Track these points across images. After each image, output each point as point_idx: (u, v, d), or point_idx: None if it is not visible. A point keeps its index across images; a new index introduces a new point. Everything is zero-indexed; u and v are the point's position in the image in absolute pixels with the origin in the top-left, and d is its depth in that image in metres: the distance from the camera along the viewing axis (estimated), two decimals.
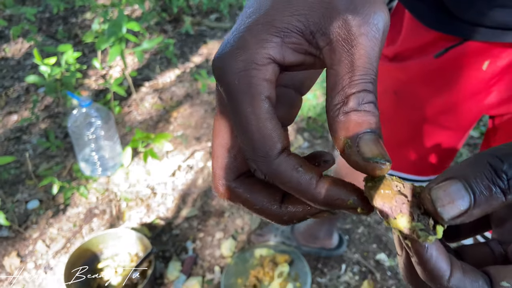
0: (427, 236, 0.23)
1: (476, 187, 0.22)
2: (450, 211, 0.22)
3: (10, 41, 2.76)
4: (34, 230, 1.64)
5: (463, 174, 0.22)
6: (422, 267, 0.24)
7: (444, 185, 0.22)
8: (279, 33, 0.25)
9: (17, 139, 2.05)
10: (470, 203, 0.22)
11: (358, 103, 0.24)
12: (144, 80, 2.42)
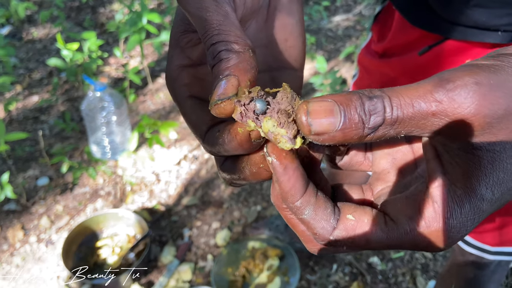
0: (285, 143, 0.26)
1: (347, 114, 0.23)
2: (319, 126, 0.23)
3: (38, 26, 2.87)
4: (41, 205, 1.70)
5: (340, 100, 0.24)
6: (277, 184, 0.26)
7: (322, 102, 0.24)
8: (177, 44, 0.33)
9: (35, 119, 2.13)
10: (338, 124, 0.23)
11: (212, 56, 0.27)
12: (162, 71, 2.48)
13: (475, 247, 0.82)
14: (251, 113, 0.27)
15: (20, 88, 2.32)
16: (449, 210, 0.25)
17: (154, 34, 2.54)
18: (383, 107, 0.23)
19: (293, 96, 0.27)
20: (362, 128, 0.23)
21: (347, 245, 0.27)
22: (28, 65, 2.51)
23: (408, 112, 0.23)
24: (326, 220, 0.27)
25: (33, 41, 2.73)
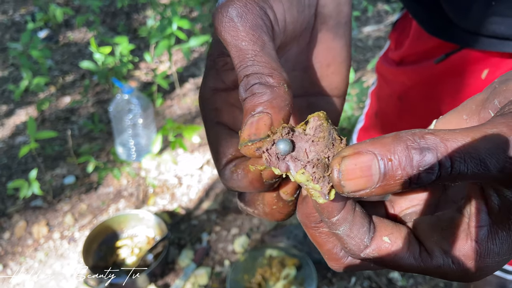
0: (318, 197, 0.24)
1: (389, 171, 0.21)
2: (353, 186, 0.22)
3: (74, 30, 2.97)
4: (66, 203, 1.75)
5: (382, 153, 0.21)
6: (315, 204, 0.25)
7: (359, 158, 0.21)
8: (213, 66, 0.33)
9: (66, 119, 2.20)
10: (376, 182, 0.21)
11: (245, 88, 0.26)
12: (190, 76, 2.51)
13: None
14: (274, 157, 0.25)
15: (54, 89, 2.40)
16: (488, 251, 0.24)
17: (183, 40, 2.59)
18: (437, 163, 0.21)
19: (330, 133, 0.24)
20: (407, 184, 0.21)
21: (376, 263, 0.27)
22: (63, 67, 2.60)
23: (480, 171, 0.21)
24: (360, 238, 0.26)
25: (68, 45, 2.82)
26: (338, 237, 0.26)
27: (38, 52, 2.06)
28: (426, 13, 0.67)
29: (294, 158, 0.25)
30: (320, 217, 0.26)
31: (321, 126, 0.25)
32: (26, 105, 2.28)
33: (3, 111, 2.24)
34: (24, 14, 3.16)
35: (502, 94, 0.24)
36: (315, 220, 0.27)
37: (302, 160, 0.25)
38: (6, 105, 2.28)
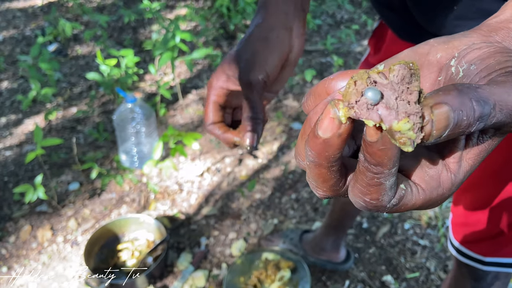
0: (409, 146, 0.24)
1: (458, 122, 0.24)
2: (436, 135, 0.24)
3: (82, 44, 3.07)
4: (70, 208, 1.80)
5: (455, 105, 0.23)
6: (381, 152, 0.25)
7: (442, 108, 0.23)
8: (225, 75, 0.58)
9: (72, 128, 2.27)
10: (446, 131, 0.24)
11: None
12: (193, 88, 2.58)
13: (469, 257, 0.81)
14: (365, 107, 0.24)
15: (61, 100, 2.48)
16: (458, 182, 0.29)
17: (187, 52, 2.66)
18: (489, 114, 0.24)
19: (416, 78, 0.25)
20: (464, 132, 0.24)
21: (390, 210, 0.28)
22: (71, 79, 2.68)
23: (506, 118, 0.25)
24: (394, 189, 0.27)
25: (77, 58, 2.92)
26: (377, 189, 0.26)
27: (46, 64, 2.14)
28: (399, 20, 0.72)
29: (386, 106, 0.24)
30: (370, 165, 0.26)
31: (413, 75, 0.25)
32: (34, 115, 2.35)
33: (12, 121, 2.32)
34: (34, 29, 3.28)
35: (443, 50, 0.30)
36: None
37: (395, 109, 0.24)
38: (15, 115, 2.36)
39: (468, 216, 0.80)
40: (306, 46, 3.00)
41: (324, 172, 0.28)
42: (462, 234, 0.83)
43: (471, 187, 0.79)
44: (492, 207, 0.75)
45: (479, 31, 0.31)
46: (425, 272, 1.49)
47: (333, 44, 2.89)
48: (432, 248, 1.56)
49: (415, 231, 1.64)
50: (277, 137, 2.16)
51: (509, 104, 0.25)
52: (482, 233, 0.78)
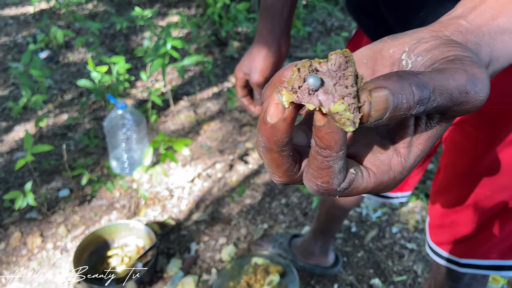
0: (349, 126, 0.26)
1: (399, 105, 0.26)
2: (375, 116, 0.26)
3: (74, 50, 3.08)
4: (60, 215, 1.80)
5: (395, 89, 0.25)
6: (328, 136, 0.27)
7: (381, 91, 0.25)
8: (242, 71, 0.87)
9: (63, 135, 2.27)
10: (388, 113, 0.26)
11: None
12: (184, 94, 2.60)
13: (446, 258, 0.83)
14: (306, 93, 0.27)
15: (52, 106, 2.48)
16: (409, 166, 0.31)
17: (178, 59, 2.68)
18: (429, 98, 0.26)
19: (355, 70, 0.27)
20: (405, 115, 0.26)
21: (341, 194, 0.30)
22: (62, 86, 2.69)
23: (447, 102, 0.27)
24: (344, 173, 0.29)
25: (68, 65, 2.93)
26: (327, 172, 0.28)
27: (38, 71, 2.15)
28: (374, 26, 0.75)
29: (325, 91, 0.27)
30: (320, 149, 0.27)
31: (348, 62, 0.27)
32: (25, 122, 2.35)
33: (3, 128, 2.32)
34: (26, 36, 3.28)
35: (395, 46, 0.32)
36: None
37: (332, 94, 0.26)
38: (5, 122, 2.36)
39: (442, 218, 0.82)
40: (297, 53, 3.03)
41: (275, 157, 0.29)
42: (438, 235, 0.84)
43: (443, 190, 0.81)
44: (463, 209, 0.77)
45: (431, 27, 0.33)
46: (412, 275, 1.50)
47: (323, 51, 2.92)
48: (420, 251, 1.58)
49: (402, 234, 1.65)
50: None
51: (448, 89, 0.27)
52: (456, 234, 0.80)
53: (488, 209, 0.74)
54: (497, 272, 0.78)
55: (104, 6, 3.89)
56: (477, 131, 0.72)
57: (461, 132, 0.75)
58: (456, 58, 0.28)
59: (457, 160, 0.78)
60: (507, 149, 0.69)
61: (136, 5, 3.88)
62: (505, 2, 0.34)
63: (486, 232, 0.76)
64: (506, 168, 0.70)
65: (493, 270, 0.78)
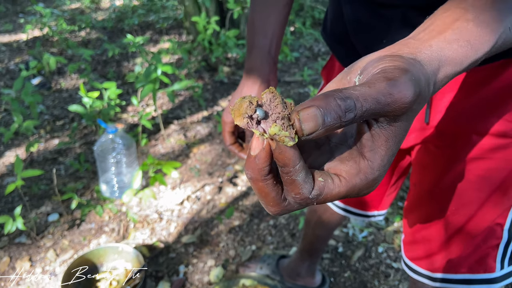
0: (288, 141, 0.32)
1: (328, 116, 0.31)
2: (309, 129, 0.31)
3: (66, 77, 3.13)
4: (49, 239, 1.80)
5: (321, 105, 0.31)
6: (283, 154, 0.33)
7: (309, 110, 0.31)
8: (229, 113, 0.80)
9: (54, 160, 2.29)
10: (322, 124, 0.31)
11: None
12: (175, 118, 2.64)
13: (419, 273, 0.86)
14: (255, 122, 0.34)
15: (43, 132, 2.51)
16: (377, 165, 0.35)
17: (168, 84, 2.74)
18: (355, 106, 0.31)
19: (282, 99, 0.34)
20: (339, 123, 0.31)
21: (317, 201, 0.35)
22: (53, 112, 2.72)
23: (374, 106, 0.32)
24: (310, 182, 0.34)
25: (60, 91, 2.97)
26: (294, 186, 0.33)
27: (29, 97, 2.18)
28: (345, 52, 0.80)
29: (265, 121, 0.34)
30: (281, 168, 0.33)
31: (274, 96, 0.34)
32: (16, 147, 2.37)
33: None
34: (18, 63, 3.33)
35: (352, 72, 0.38)
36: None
37: (269, 121, 0.34)
38: None
39: (414, 234, 0.86)
40: (285, 77, 3.10)
41: (261, 185, 0.35)
42: (411, 251, 0.88)
43: (414, 207, 0.85)
44: (432, 225, 0.81)
45: (384, 49, 0.39)
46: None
47: (310, 76, 2.99)
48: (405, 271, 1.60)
49: (388, 254, 1.68)
50: None
51: (371, 94, 0.32)
52: (427, 250, 0.83)
53: (455, 224, 0.78)
54: (467, 286, 0.81)
55: (96, 34, 3.97)
56: (439, 150, 0.76)
57: (425, 152, 0.80)
58: (381, 70, 0.34)
59: (423, 178, 0.82)
60: (467, 167, 0.73)
61: (128, 32, 3.96)
62: (451, 20, 0.40)
63: (454, 246, 0.79)
64: (467, 184, 0.74)
65: (463, 284, 0.81)
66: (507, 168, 0.72)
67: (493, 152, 0.71)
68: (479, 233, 0.77)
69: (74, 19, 4.30)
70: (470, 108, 0.70)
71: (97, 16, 4.47)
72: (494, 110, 0.69)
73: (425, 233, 0.83)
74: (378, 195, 1.01)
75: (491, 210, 0.75)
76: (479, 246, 0.77)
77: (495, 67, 0.67)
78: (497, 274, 0.79)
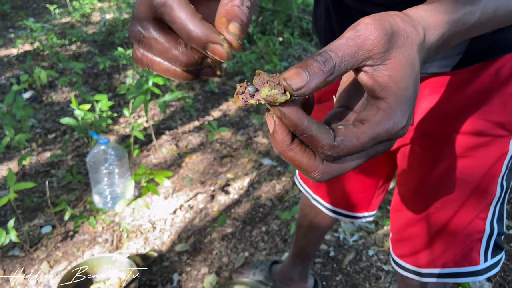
0: (281, 97, 0.35)
1: (310, 71, 0.34)
2: (296, 84, 0.34)
3: (57, 90, 3.14)
4: (42, 252, 1.81)
5: (301, 65, 0.34)
6: (287, 117, 0.35)
7: (292, 70, 0.34)
8: None
9: (46, 172, 2.30)
10: (307, 78, 0.34)
11: (241, 3, 0.37)
12: (167, 129, 2.66)
13: (407, 269, 0.89)
14: (248, 96, 0.37)
15: (35, 145, 2.52)
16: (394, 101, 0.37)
17: (159, 95, 2.76)
18: (330, 56, 0.34)
19: (268, 75, 0.37)
20: (323, 75, 0.34)
21: (346, 147, 0.36)
22: (45, 125, 2.73)
23: (345, 51, 0.34)
24: (327, 131, 0.36)
25: (52, 104, 2.98)
26: (313, 138, 0.35)
27: (21, 111, 2.20)
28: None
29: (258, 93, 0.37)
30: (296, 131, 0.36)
31: (261, 75, 0.37)
32: (8, 161, 2.38)
33: None
34: (9, 77, 3.34)
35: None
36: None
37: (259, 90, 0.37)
38: None
39: (401, 232, 0.89)
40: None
41: (291, 155, 0.37)
42: (399, 249, 0.91)
43: (400, 206, 0.88)
44: (419, 222, 0.84)
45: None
46: None
47: None
48: (395, 272, 1.63)
49: (378, 257, 1.71)
50: (248, 173, 2.24)
51: (341, 42, 0.35)
52: (415, 246, 0.86)
53: (440, 221, 0.81)
54: (454, 279, 0.84)
55: (87, 47, 4.00)
56: (423, 150, 0.80)
57: (411, 152, 0.83)
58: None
59: (409, 177, 0.85)
60: (450, 165, 0.77)
61: (119, 45, 4.00)
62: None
63: (440, 242, 0.83)
64: (451, 182, 0.78)
65: (450, 277, 0.84)
66: (486, 165, 0.75)
67: (473, 150, 0.75)
68: (463, 228, 0.80)
69: (65, 33, 4.33)
70: (450, 109, 0.74)
71: (87, 29, 4.50)
72: (473, 110, 0.73)
73: (412, 231, 0.86)
74: (367, 196, 1.05)
75: (474, 205, 0.78)
76: (463, 240, 0.81)
77: (472, 71, 0.71)
78: (482, 266, 0.82)
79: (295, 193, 2.07)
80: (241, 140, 2.53)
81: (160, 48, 0.37)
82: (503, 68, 0.69)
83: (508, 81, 0.69)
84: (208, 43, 0.35)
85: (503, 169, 0.75)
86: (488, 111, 0.71)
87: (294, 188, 2.11)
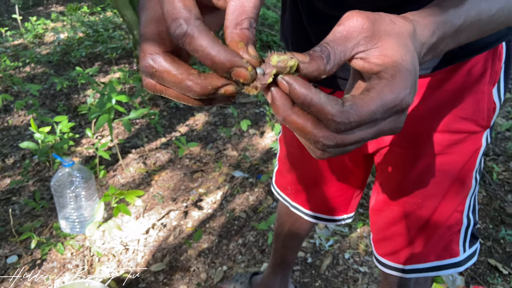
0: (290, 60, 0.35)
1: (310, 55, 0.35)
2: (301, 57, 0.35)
3: (13, 114, 3.01)
4: (9, 283, 1.71)
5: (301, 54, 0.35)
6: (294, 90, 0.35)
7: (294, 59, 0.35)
8: None
9: (7, 200, 2.19)
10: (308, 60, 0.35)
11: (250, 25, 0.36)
12: (132, 147, 2.61)
13: (391, 267, 0.92)
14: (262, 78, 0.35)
15: None
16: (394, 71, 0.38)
17: (124, 113, 2.71)
18: (324, 46, 0.36)
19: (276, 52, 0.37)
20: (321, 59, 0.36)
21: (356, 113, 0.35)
22: (2, 151, 2.61)
23: (335, 41, 0.37)
24: (335, 99, 0.35)
25: (8, 128, 2.85)
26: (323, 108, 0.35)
27: None
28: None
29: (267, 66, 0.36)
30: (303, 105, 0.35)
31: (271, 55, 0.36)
32: None
33: None
34: None
35: None
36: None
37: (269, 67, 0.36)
38: None
39: (383, 231, 0.91)
40: (240, 99, 3.16)
41: (294, 119, 0.36)
42: (382, 248, 0.93)
43: (382, 206, 0.91)
44: (400, 220, 0.87)
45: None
46: None
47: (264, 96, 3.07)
48: (372, 273, 1.66)
49: (354, 259, 1.73)
50: (220, 186, 2.22)
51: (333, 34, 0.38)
52: (397, 244, 0.89)
53: (422, 217, 0.84)
54: (437, 273, 0.87)
55: (42, 68, 3.87)
56: (404, 150, 0.83)
57: (391, 153, 0.86)
58: None
59: (390, 177, 0.88)
60: (429, 162, 0.80)
61: (76, 64, 3.90)
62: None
63: (423, 237, 0.85)
64: (431, 178, 0.81)
65: (433, 271, 0.87)
66: (462, 160, 0.79)
67: (450, 147, 0.78)
68: (443, 222, 0.83)
69: (18, 55, 4.17)
70: (428, 109, 0.77)
71: (41, 50, 4.36)
72: (448, 109, 0.76)
73: (394, 229, 0.88)
74: (346, 199, 1.06)
75: (453, 199, 0.82)
76: (444, 233, 0.84)
77: (447, 72, 0.74)
78: (462, 257, 0.86)
79: (269, 203, 2.08)
80: (211, 154, 2.52)
81: (173, 80, 0.36)
82: (474, 68, 0.73)
83: (479, 80, 0.74)
84: (233, 67, 0.34)
85: (477, 163, 0.79)
86: (462, 108, 0.75)
87: (268, 198, 2.11)
